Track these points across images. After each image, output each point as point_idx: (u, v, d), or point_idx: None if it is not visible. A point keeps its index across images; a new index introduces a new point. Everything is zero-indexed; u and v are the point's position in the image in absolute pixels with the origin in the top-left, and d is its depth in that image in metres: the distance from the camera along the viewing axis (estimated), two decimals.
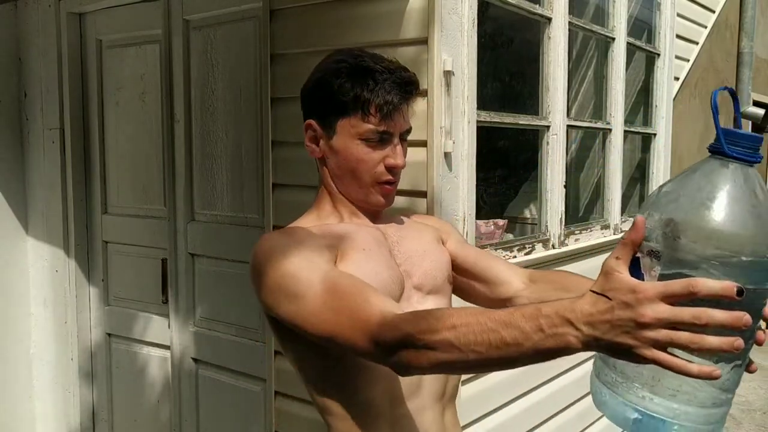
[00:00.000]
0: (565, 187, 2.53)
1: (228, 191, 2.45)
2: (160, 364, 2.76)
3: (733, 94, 0.90)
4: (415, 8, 1.81)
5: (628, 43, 2.97)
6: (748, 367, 0.83)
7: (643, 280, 0.77)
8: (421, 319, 0.94)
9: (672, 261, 0.77)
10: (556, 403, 2.51)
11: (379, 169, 1.21)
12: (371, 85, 1.16)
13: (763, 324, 0.82)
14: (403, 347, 0.94)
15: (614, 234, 2.91)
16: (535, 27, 2.46)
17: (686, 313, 0.72)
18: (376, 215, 1.29)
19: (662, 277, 0.77)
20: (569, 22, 2.49)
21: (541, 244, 2.41)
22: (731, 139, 0.80)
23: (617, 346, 0.76)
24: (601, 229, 2.84)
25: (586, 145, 3.18)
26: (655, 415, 0.79)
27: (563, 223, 2.53)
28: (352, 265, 1.14)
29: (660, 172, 3.31)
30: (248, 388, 2.43)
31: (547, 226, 2.47)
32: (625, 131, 3.01)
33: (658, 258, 0.78)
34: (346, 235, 1.20)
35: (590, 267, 2.66)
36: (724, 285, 0.71)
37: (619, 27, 2.89)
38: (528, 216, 3.32)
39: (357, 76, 1.17)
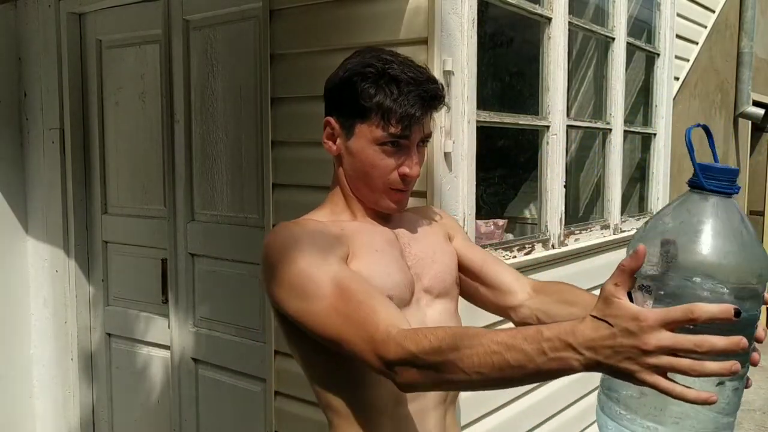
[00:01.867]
0: (565, 187, 2.53)
1: (228, 191, 2.45)
2: (160, 364, 2.76)
3: (707, 131, 0.91)
4: (415, 8, 1.81)
5: (628, 43, 2.97)
6: (746, 385, 0.85)
7: None
8: (423, 338, 0.94)
9: (664, 293, 0.79)
10: (555, 403, 2.51)
11: (392, 176, 1.20)
12: (395, 95, 1.14)
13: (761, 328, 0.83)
14: (405, 365, 0.95)
15: (614, 234, 2.91)
16: (535, 27, 2.46)
17: (688, 340, 0.73)
18: (388, 216, 1.28)
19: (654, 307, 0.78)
20: (569, 22, 2.49)
21: (540, 244, 2.41)
22: (708, 174, 0.81)
23: (619, 369, 0.77)
24: (601, 229, 2.84)
25: (586, 145, 3.18)
26: None
27: (563, 223, 2.53)
28: (365, 266, 1.14)
29: (660, 172, 3.31)
30: (248, 388, 2.43)
31: (546, 226, 2.47)
32: (625, 131, 3.01)
33: (649, 292, 0.79)
34: (359, 233, 1.20)
35: (590, 267, 2.66)
36: (723, 307, 0.73)
37: (619, 27, 2.89)
38: (528, 216, 3.32)
39: (382, 84, 1.15)
